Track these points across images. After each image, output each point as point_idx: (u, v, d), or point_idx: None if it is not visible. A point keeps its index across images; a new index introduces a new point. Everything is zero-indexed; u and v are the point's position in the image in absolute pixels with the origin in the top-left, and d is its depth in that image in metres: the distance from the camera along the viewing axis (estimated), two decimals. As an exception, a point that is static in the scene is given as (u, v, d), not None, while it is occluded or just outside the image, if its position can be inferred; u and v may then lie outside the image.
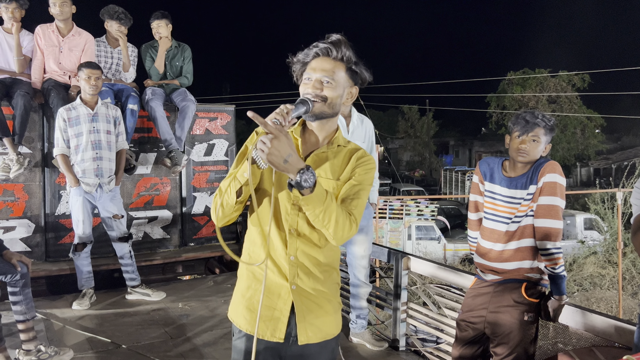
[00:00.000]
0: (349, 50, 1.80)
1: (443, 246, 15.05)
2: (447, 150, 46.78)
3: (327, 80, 1.76)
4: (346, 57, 1.80)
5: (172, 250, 5.65)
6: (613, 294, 10.57)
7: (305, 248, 1.78)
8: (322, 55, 1.78)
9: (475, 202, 2.87)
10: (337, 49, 1.78)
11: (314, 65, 1.78)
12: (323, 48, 1.78)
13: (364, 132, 3.82)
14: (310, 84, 1.77)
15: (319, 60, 1.78)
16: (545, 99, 30.23)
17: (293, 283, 1.76)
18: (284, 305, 1.76)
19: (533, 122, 2.62)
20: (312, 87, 1.76)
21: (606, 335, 2.58)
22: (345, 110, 3.76)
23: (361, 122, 3.82)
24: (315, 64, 1.78)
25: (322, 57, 1.78)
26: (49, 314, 4.27)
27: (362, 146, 3.76)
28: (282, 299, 1.76)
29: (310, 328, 1.77)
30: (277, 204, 1.77)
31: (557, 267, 2.54)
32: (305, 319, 1.77)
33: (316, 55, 1.79)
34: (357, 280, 3.83)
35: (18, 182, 4.89)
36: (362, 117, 3.87)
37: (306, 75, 1.79)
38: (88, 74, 4.39)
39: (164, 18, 5.42)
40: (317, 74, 1.76)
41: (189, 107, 5.31)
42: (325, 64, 1.77)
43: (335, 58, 1.78)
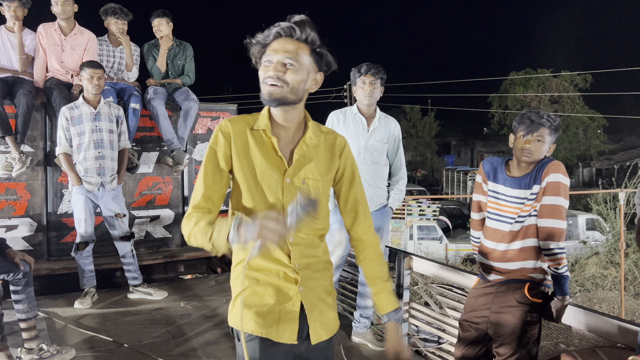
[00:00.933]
0: (313, 32, 1.65)
1: (445, 246, 15.04)
2: (449, 150, 46.74)
3: (290, 62, 1.62)
4: (311, 38, 1.65)
5: (174, 249, 5.65)
6: (615, 295, 10.56)
7: (307, 250, 1.75)
8: (285, 36, 1.63)
9: (479, 202, 2.86)
10: (301, 30, 1.63)
11: (275, 47, 1.63)
12: (286, 27, 1.63)
13: (387, 134, 3.74)
14: (271, 66, 1.62)
15: (281, 41, 1.63)
16: (547, 99, 30.21)
17: (300, 285, 1.72)
18: (293, 307, 1.71)
19: (538, 122, 2.61)
20: (273, 70, 1.62)
21: (609, 335, 2.57)
22: (369, 111, 3.70)
23: (385, 123, 3.75)
24: (276, 44, 1.63)
25: (284, 37, 1.63)
26: (51, 313, 4.27)
27: (383, 148, 3.74)
28: (292, 301, 1.71)
29: (320, 326, 1.75)
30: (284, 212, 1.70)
31: (561, 268, 2.53)
32: (315, 318, 1.74)
33: (278, 35, 1.64)
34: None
35: (20, 180, 4.89)
36: (387, 117, 3.80)
37: (266, 58, 1.64)
38: (90, 74, 4.39)
39: (164, 16, 5.42)
40: (278, 56, 1.62)
41: (192, 106, 5.31)
42: (287, 45, 1.62)
43: (299, 39, 1.64)
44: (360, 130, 3.67)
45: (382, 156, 3.74)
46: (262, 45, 1.66)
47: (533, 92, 30.43)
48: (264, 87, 1.65)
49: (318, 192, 1.77)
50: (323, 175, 1.78)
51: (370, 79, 3.59)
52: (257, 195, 1.70)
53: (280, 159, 1.72)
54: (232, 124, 1.72)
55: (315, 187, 1.75)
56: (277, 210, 1.68)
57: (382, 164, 3.74)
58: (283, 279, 1.71)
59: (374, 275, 1.86)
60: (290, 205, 1.49)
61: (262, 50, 1.66)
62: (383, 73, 3.64)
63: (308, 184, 1.74)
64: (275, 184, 1.70)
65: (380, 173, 3.73)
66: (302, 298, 1.72)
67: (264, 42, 1.65)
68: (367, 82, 3.59)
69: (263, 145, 1.71)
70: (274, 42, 1.64)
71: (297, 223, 1.48)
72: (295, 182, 1.72)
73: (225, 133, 1.71)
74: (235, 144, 1.70)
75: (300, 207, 1.48)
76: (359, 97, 3.66)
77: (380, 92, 3.66)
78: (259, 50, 1.67)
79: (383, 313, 1.83)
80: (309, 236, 1.76)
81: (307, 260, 1.75)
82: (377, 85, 3.62)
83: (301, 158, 1.74)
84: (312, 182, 1.74)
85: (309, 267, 1.75)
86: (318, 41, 1.67)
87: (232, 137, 1.70)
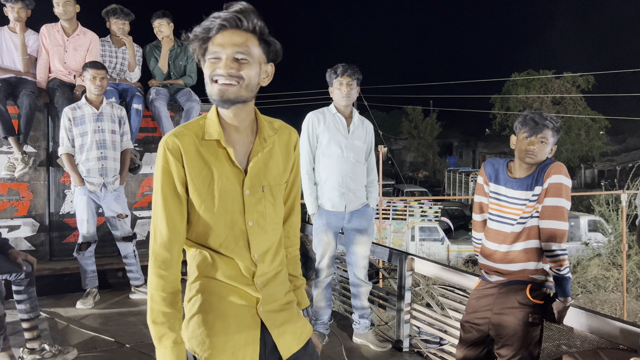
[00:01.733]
0: (259, 20, 1.49)
1: (446, 247, 15.04)
2: (450, 151, 46.73)
3: (243, 56, 1.46)
4: (258, 27, 1.49)
5: (176, 250, 5.65)
6: (617, 296, 10.55)
7: (271, 265, 1.62)
8: (230, 27, 1.46)
9: (480, 203, 2.86)
10: (247, 19, 1.46)
11: (220, 40, 1.46)
12: (230, 18, 1.45)
13: (365, 133, 3.82)
14: (220, 62, 1.46)
15: (227, 34, 1.46)
16: (549, 100, 30.20)
17: (261, 304, 1.58)
18: (253, 329, 1.56)
19: (542, 124, 2.60)
20: (224, 67, 1.45)
21: (611, 337, 2.57)
22: (346, 111, 3.75)
23: (362, 123, 3.82)
24: (221, 38, 1.46)
25: (229, 29, 1.46)
26: (53, 313, 4.28)
27: (363, 147, 3.79)
28: (251, 323, 1.57)
29: (290, 339, 1.62)
30: (246, 230, 1.57)
31: (562, 269, 2.53)
32: (282, 334, 1.60)
33: (222, 27, 1.46)
34: (357, 280, 3.83)
35: (23, 181, 4.90)
36: (363, 119, 3.87)
37: (212, 54, 1.46)
38: (93, 74, 4.40)
39: (164, 17, 5.43)
40: (227, 50, 1.45)
41: (194, 107, 5.32)
42: (235, 37, 1.46)
43: (247, 29, 1.47)
44: (342, 129, 3.72)
45: (363, 155, 3.82)
46: (203, 40, 1.48)
47: (535, 94, 30.42)
48: (212, 86, 1.48)
49: (278, 196, 1.65)
50: (281, 176, 1.65)
51: (347, 80, 3.63)
52: (217, 216, 1.53)
53: (237, 170, 1.55)
54: (180, 139, 1.51)
55: (276, 191, 1.63)
56: (239, 228, 1.55)
57: (362, 163, 3.82)
58: (244, 299, 1.57)
59: (296, 273, 1.82)
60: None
61: (204, 46, 1.48)
62: (359, 74, 3.69)
63: (269, 190, 1.61)
64: (233, 199, 1.55)
65: (361, 172, 3.81)
66: (263, 318, 1.58)
67: (205, 35, 1.47)
68: (344, 83, 3.63)
69: (217, 156, 1.53)
70: (218, 35, 1.46)
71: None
72: (255, 192, 1.58)
73: (174, 151, 1.50)
74: (187, 161, 1.50)
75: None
76: (336, 97, 3.71)
77: (356, 93, 3.72)
78: (200, 46, 1.49)
79: (300, 309, 1.78)
80: (271, 247, 1.63)
81: (270, 275, 1.62)
82: (354, 85, 3.67)
83: (258, 164, 1.58)
84: (274, 187, 1.62)
85: (270, 281, 1.62)
86: (265, 29, 1.51)
87: (183, 155, 1.50)
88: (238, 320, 1.55)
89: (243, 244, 1.56)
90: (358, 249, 3.80)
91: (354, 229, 3.79)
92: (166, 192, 1.51)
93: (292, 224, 1.78)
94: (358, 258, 3.81)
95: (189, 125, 1.57)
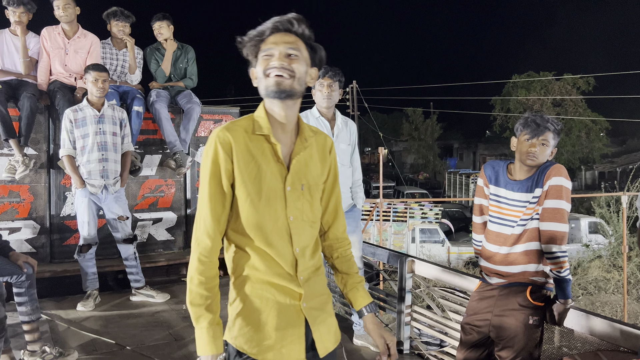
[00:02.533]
0: (308, 28, 1.62)
1: (447, 249, 15.04)
2: (451, 153, 46.73)
3: (294, 52, 1.58)
4: (307, 33, 1.62)
5: (177, 252, 5.66)
6: (618, 298, 10.54)
7: (310, 260, 1.70)
8: (282, 30, 1.60)
9: (480, 205, 2.86)
10: (298, 24, 1.60)
11: (273, 40, 1.58)
12: (283, 21, 1.59)
13: (349, 135, 3.80)
14: (273, 58, 1.57)
15: (279, 35, 1.59)
16: (550, 102, 30.20)
17: (304, 300, 1.66)
18: (298, 326, 1.65)
19: (544, 126, 2.61)
20: (278, 60, 1.57)
21: (611, 339, 2.57)
22: (329, 113, 3.72)
23: (345, 125, 3.79)
24: (274, 38, 1.59)
25: (282, 31, 1.59)
26: (54, 315, 4.28)
27: (348, 150, 3.78)
28: (296, 320, 1.66)
29: (327, 337, 1.71)
30: (287, 225, 1.65)
31: (563, 271, 2.53)
32: (321, 330, 1.69)
33: (275, 29, 1.59)
34: None
35: (23, 183, 4.91)
36: (346, 119, 3.85)
37: (266, 52, 1.59)
38: (95, 77, 4.41)
39: (165, 19, 5.44)
40: (279, 47, 1.57)
41: (194, 109, 5.33)
42: (287, 37, 1.59)
43: (296, 33, 1.61)
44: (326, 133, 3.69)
45: (348, 158, 3.80)
46: (257, 41, 1.60)
47: (535, 95, 30.42)
48: (267, 80, 1.58)
49: (316, 195, 1.72)
50: (319, 177, 1.73)
51: (328, 82, 3.59)
52: (262, 209, 1.61)
53: (281, 166, 1.64)
54: (232, 133, 1.60)
55: (314, 191, 1.71)
56: (282, 222, 1.63)
57: (347, 166, 3.81)
58: (288, 296, 1.65)
59: (350, 271, 1.84)
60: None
61: (257, 46, 1.60)
62: (341, 76, 3.66)
63: (307, 189, 1.69)
64: (276, 194, 1.63)
65: (347, 174, 3.79)
66: (306, 314, 1.67)
67: (260, 37, 1.60)
68: (325, 85, 3.60)
69: (263, 152, 1.63)
70: (271, 36, 1.59)
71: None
72: (295, 189, 1.65)
73: (225, 145, 1.59)
74: (237, 155, 1.59)
75: None
76: (317, 99, 3.67)
77: (338, 95, 3.69)
78: (254, 46, 1.61)
79: (360, 307, 1.79)
80: (310, 244, 1.70)
81: (310, 270, 1.70)
82: (336, 87, 3.64)
83: (300, 162, 1.67)
84: (313, 186, 1.70)
85: (311, 277, 1.70)
86: (312, 36, 1.64)
87: (234, 149, 1.59)
88: (283, 317, 1.64)
89: (287, 238, 1.64)
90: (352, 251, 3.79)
91: None
92: (212, 184, 1.60)
93: (338, 227, 1.84)
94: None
95: (238, 121, 1.67)
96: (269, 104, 1.64)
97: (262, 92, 1.63)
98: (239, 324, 1.67)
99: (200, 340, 1.63)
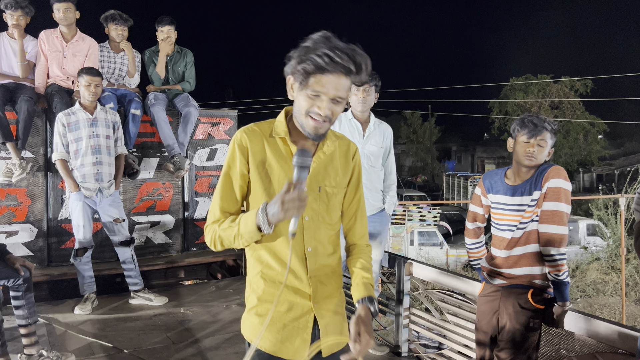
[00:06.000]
0: (367, 74, 1.61)
1: (445, 252, 15.01)
2: (449, 155, 46.73)
3: (340, 99, 1.59)
4: (359, 77, 1.60)
5: (175, 255, 5.65)
6: (616, 301, 10.53)
7: (322, 259, 1.73)
8: (343, 74, 1.55)
9: (475, 213, 2.90)
10: (359, 73, 1.57)
11: (328, 80, 1.54)
12: (346, 65, 1.54)
13: (382, 138, 3.77)
14: (321, 102, 1.57)
15: (337, 77, 1.55)
16: (547, 105, 30.23)
17: (314, 301, 1.71)
18: (306, 325, 1.70)
19: (541, 126, 2.61)
20: (324, 110, 1.57)
21: (609, 341, 2.56)
22: (363, 117, 3.72)
23: (378, 128, 3.77)
24: (330, 78, 1.54)
25: (340, 73, 1.55)
26: (51, 319, 4.26)
27: (379, 152, 3.76)
28: (305, 318, 1.71)
29: (332, 337, 1.74)
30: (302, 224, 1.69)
31: (561, 274, 2.53)
32: (328, 331, 1.72)
33: (337, 71, 1.54)
34: None
35: (21, 186, 4.90)
36: (381, 122, 3.82)
37: (316, 90, 1.55)
38: (88, 81, 4.40)
39: (173, 24, 5.46)
40: (330, 93, 1.55)
41: (191, 112, 5.33)
42: (341, 82, 1.56)
43: (353, 80, 1.60)
44: (357, 135, 3.68)
45: (379, 160, 3.77)
46: (311, 73, 1.54)
47: (533, 98, 30.46)
48: (308, 120, 1.60)
49: (333, 199, 1.75)
50: (339, 182, 1.76)
51: (363, 86, 3.59)
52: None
53: None
54: (249, 135, 1.69)
55: (331, 194, 1.74)
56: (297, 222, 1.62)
57: (378, 169, 3.78)
58: (298, 295, 1.70)
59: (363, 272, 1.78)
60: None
61: (309, 76, 1.55)
62: (377, 80, 3.65)
63: (325, 191, 1.72)
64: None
65: (377, 177, 3.77)
66: (315, 313, 1.71)
67: (315, 71, 1.54)
68: (360, 89, 3.61)
69: (280, 154, 1.68)
70: (328, 75, 1.54)
71: (301, 177, 1.52)
72: (312, 191, 1.69)
73: (241, 147, 1.68)
74: (253, 156, 1.68)
75: (298, 161, 1.52)
76: (352, 103, 3.68)
77: (374, 99, 3.68)
78: (308, 73, 1.55)
79: (357, 299, 1.72)
80: (324, 244, 1.74)
81: (321, 272, 1.73)
82: (371, 92, 3.63)
83: (319, 165, 1.71)
84: (329, 189, 1.73)
85: (322, 279, 1.73)
86: (368, 73, 1.61)
87: (250, 150, 1.68)
88: (293, 315, 1.70)
89: (299, 237, 1.68)
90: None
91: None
92: (225, 182, 1.71)
93: (355, 232, 1.85)
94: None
95: (259, 124, 1.74)
96: (296, 123, 1.68)
97: (295, 116, 1.66)
98: (250, 317, 1.74)
99: (246, 225, 1.59)
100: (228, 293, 5.05)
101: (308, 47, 1.55)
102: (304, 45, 1.57)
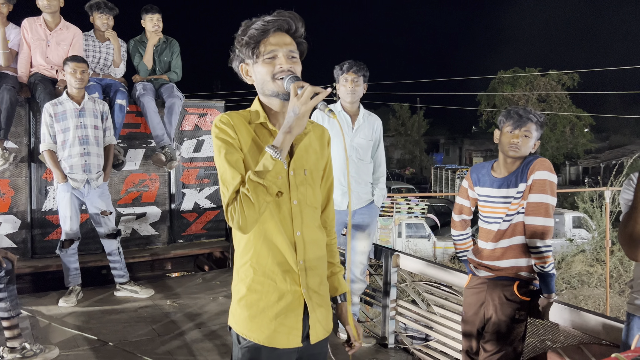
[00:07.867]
0: (303, 27, 1.68)
1: (433, 244, 15.09)
2: (437, 148, 46.92)
3: (294, 55, 1.65)
4: (300, 33, 1.68)
5: (161, 247, 5.61)
6: (601, 292, 10.66)
7: (311, 246, 1.72)
8: (284, 30, 1.64)
9: (461, 205, 2.93)
10: (295, 25, 1.66)
11: (274, 41, 1.62)
12: (283, 22, 1.63)
13: (371, 130, 3.76)
14: (279, 60, 1.62)
15: (278, 35, 1.63)
16: (535, 98, 30.42)
17: (304, 286, 1.69)
18: (297, 312, 1.69)
19: (526, 117, 2.62)
20: (285, 62, 1.61)
21: (594, 332, 2.58)
22: (352, 108, 3.71)
23: (367, 120, 3.76)
24: (276, 39, 1.63)
25: (282, 32, 1.64)
26: (35, 311, 4.22)
27: (369, 145, 3.75)
28: (296, 305, 1.69)
29: (320, 325, 1.74)
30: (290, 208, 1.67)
31: (547, 266, 2.54)
32: (316, 318, 1.72)
33: (276, 30, 1.63)
34: (352, 276, 3.81)
35: (4, 177, 4.82)
36: (370, 114, 3.81)
37: (269, 53, 1.62)
38: (73, 67, 4.34)
39: (161, 13, 5.38)
40: (282, 49, 1.62)
41: (175, 103, 5.26)
42: (286, 39, 1.64)
43: (293, 35, 1.66)
44: (346, 128, 3.67)
45: (368, 153, 3.76)
46: (256, 41, 1.63)
47: (521, 91, 30.65)
48: (277, 82, 1.62)
49: (317, 181, 1.76)
50: (318, 165, 1.77)
51: (352, 77, 3.59)
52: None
53: None
54: (231, 118, 1.67)
55: (316, 177, 1.75)
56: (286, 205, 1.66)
57: (367, 161, 3.77)
58: (288, 282, 1.67)
59: (333, 260, 1.88)
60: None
61: (257, 45, 1.63)
62: (366, 70, 3.64)
63: (309, 174, 1.72)
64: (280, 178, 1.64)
65: (366, 170, 3.76)
66: (306, 299, 1.70)
67: (262, 36, 1.62)
68: (349, 80, 3.60)
69: (263, 137, 1.68)
70: (271, 37, 1.62)
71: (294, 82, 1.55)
72: (298, 174, 1.69)
73: (228, 124, 1.64)
74: (241, 135, 1.65)
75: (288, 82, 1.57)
76: (341, 94, 3.67)
77: (363, 90, 3.68)
78: (254, 44, 1.63)
79: (336, 294, 1.87)
80: (312, 228, 1.73)
81: (311, 256, 1.72)
82: (360, 82, 3.63)
83: (301, 148, 1.71)
84: (313, 172, 1.74)
85: (311, 264, 1.72)
86: (304, 35, 1.69)
87: (236, 127, 1.65)
88: (283, 303, 1.67)
89: (289, 221, 1.67)
90: (357, 243, 3.78)
91: (355, 224, 3.76)
92: (230, 154, 1.60)
93: (329, 213, 1.87)
94: (356, 253, 3.79)
95: (233, 112, 1.72)
96: (267, 100, 1.69)
97: (263, 92, 1.67)
98: (240, 308, 1.70)
99: (265, 162, 1.55)
100: (215, 285, 5.03)
101: (243, 29, 1.65)
102: (238, 33, 1.66)
